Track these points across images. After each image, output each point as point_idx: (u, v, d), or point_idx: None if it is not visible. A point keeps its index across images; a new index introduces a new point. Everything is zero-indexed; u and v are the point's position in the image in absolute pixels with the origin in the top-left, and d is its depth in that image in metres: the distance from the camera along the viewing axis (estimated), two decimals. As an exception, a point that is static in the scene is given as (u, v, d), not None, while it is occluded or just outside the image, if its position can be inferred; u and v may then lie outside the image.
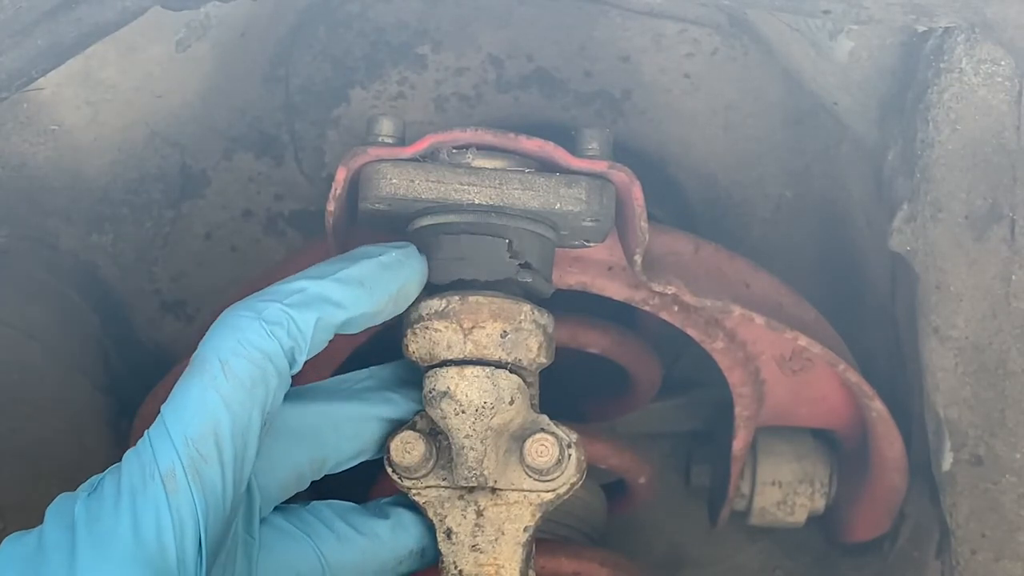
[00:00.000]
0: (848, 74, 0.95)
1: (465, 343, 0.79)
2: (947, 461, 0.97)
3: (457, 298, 0.79)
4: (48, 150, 1.02)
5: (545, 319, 0.81)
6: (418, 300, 0.80)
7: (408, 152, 0.81)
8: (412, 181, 0.81)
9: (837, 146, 1.09)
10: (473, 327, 0.78)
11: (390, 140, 0.82)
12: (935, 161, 0.89)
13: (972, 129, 0.88)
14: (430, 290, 0.80)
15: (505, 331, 0.79)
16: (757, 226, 1.17)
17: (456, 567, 0.80)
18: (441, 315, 0.79)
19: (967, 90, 0.87)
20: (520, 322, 0.79)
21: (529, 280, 0.81)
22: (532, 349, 0.80)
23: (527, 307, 0.80)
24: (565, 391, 1.03)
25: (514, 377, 0.79)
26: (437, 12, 1.07)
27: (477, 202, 0.80)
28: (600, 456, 1.04)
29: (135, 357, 1.14)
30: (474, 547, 0.80)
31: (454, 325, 0.79)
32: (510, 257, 0.80)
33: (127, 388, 1.12)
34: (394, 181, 0.81)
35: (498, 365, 0.79)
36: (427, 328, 0.79)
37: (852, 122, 0.99)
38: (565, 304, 0.89)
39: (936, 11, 0.81)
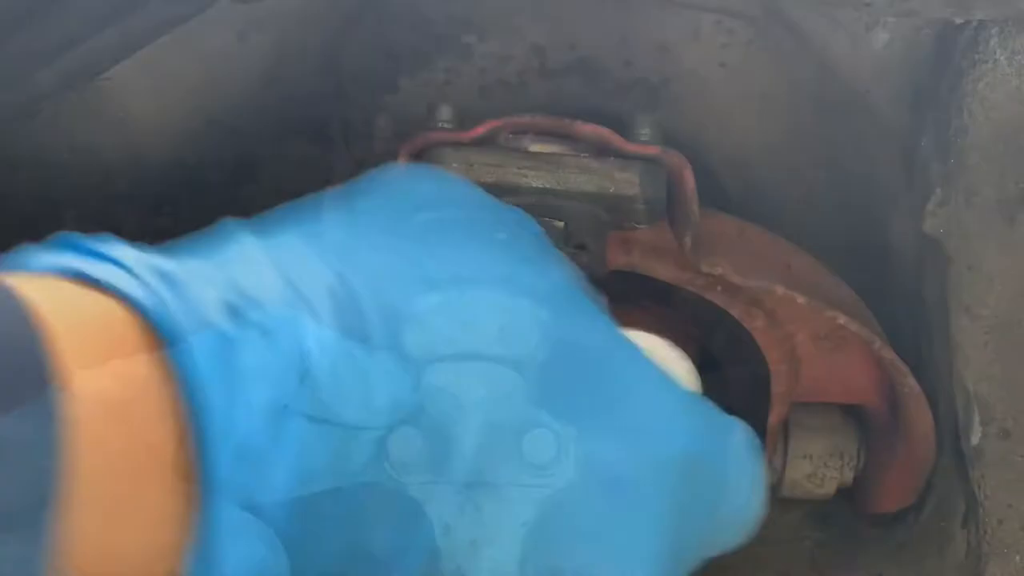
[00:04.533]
0: (883, 64, 0.97)
1: None
2: (976, 435, 1.00)
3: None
4: (115, 138, 1.05)
5: None
6: None
7: (467, 137, 0.84)
8: (471, 165, 0.83)
9: (869, 134, 1.11)
10: None
11: (449, 125, 0.85)
12: (969, 148, 0.92)
13: (1005, 117, 0.91)
14: None
15: None
16: (790, 212, 1.19)
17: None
18: None
19: (1001, 80, 0.90)
20: None
21: (584, 262, 0.84)
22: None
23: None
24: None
25: None
26: (484, 3, 1.10)
27: (535, 185, 0.83)
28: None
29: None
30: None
31: None
32: (565, 242, 0.84)
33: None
34: (454, 165, 0.83)
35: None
36: None
37: (885, 111, 1.02)
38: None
39: (973, 4, 0.84)
